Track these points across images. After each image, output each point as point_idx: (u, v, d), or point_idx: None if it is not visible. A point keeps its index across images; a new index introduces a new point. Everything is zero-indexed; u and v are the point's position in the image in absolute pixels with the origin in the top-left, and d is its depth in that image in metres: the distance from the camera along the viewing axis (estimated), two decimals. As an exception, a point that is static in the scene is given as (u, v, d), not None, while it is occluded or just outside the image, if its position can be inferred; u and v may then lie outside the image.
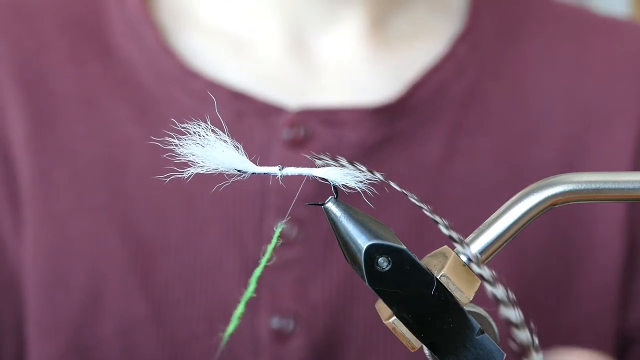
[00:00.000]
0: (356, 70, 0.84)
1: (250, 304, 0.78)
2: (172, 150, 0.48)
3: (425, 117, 0.82)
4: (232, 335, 0.77)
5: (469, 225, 0.50)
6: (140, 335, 0.78)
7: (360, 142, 0.80)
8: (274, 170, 0.50)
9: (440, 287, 0.47)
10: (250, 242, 0.79)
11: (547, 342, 0.55)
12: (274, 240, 0.51)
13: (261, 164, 0.50)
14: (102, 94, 0.82)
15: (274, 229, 0.51)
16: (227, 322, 0.77)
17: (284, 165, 0.50)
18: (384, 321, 0.48)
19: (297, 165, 0.50)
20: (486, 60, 0.85)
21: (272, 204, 0.79)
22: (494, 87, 0.84)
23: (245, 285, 0.78)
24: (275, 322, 0.78)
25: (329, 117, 0.80)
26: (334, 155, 0.49)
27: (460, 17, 0.87)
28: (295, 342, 0.78)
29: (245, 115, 0.80)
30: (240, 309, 0.53)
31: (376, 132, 0.80)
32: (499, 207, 0.48)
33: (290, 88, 0.83)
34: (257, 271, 0.51)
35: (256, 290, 0.79)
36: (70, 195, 0.80)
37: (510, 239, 0.48)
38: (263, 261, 0.51)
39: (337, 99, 0.82)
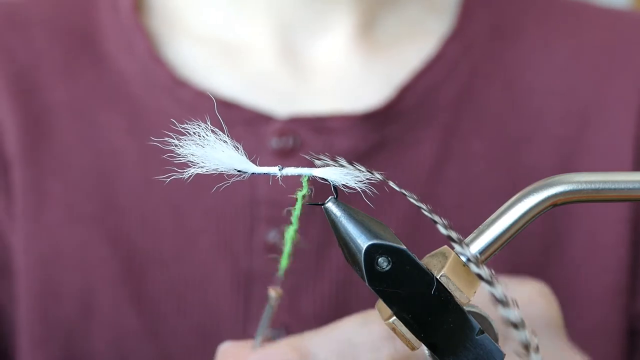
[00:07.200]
0: (348, 75, 0.83)
1: (241, 315, 0.79)
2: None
3: (416, 121, 0.81)
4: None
5: (463, 230, 0.50)
6: (133, 347, 0.78)
7: (350, 150, 0.79)
8: (273, 170, 0.50)
9: (440, 287, 0.47)
10: (241, 254, 0.78)
11: None
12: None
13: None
14: (95, 104, 0.81)
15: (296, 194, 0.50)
16: (218, 334, 0.77)
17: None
18: (384, 321, 0.48)
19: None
20: (479, 60, 0.83)
21: (262, 216, 0.78)
22: (487, 88, 0.83)
23: (237, 298, 0.78)
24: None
25: (318, 125, 0.79)
26: (333, 155, 0.49)
27: (453, 16, 0.85)
28: None
29: (233, 125, 0.79)
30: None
31: (367, 139, 0.79)
32: (494, 211, 0.48)
33: (282, 95, 0.82)
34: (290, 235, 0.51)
35: (247, 302, 0.78)
36: (62, 207, 0.79)
37: (510, 239, 0.48)
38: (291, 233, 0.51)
39: (329, 105, 0.81)
